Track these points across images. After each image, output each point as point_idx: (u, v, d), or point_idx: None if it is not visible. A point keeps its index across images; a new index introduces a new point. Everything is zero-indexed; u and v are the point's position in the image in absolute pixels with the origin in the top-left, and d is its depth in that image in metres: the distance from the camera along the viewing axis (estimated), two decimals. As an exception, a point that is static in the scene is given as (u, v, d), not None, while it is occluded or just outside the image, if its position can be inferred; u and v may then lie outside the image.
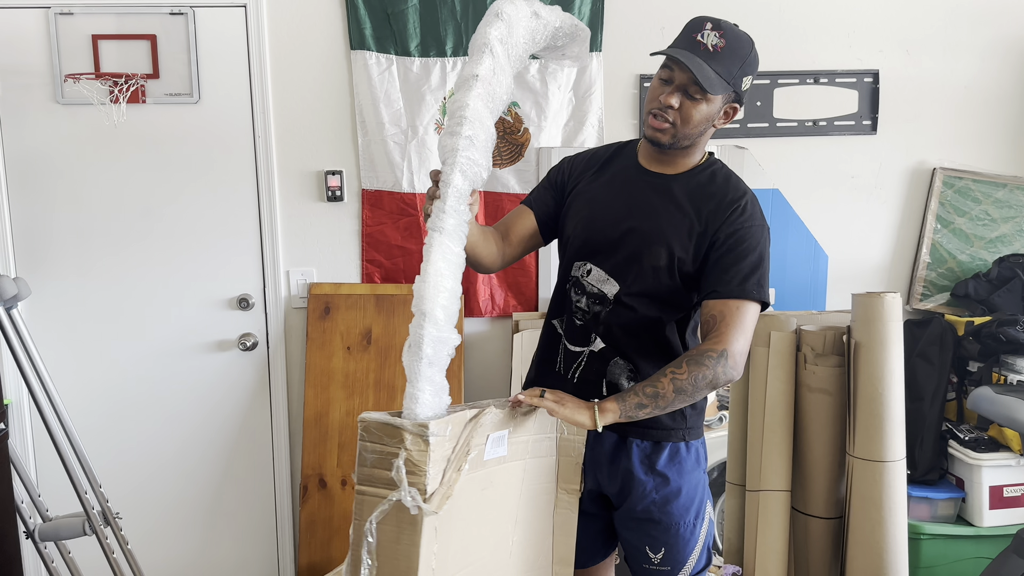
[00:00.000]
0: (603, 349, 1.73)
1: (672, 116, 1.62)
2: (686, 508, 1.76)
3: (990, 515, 2.62)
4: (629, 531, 1.81)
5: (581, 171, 1.83)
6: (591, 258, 1.74)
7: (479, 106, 1.55)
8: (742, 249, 1.63)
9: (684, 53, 1.59)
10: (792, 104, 2.89)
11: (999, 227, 2.92)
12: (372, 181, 2.86)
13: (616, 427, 1.72)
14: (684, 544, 1.78)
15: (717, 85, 1.59)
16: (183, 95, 2.79)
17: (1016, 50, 2.89)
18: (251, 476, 2.96)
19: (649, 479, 1.73)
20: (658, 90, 1.64)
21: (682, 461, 1.76)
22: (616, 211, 1.73)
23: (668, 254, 1.66)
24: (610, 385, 1.74)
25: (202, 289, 2.87)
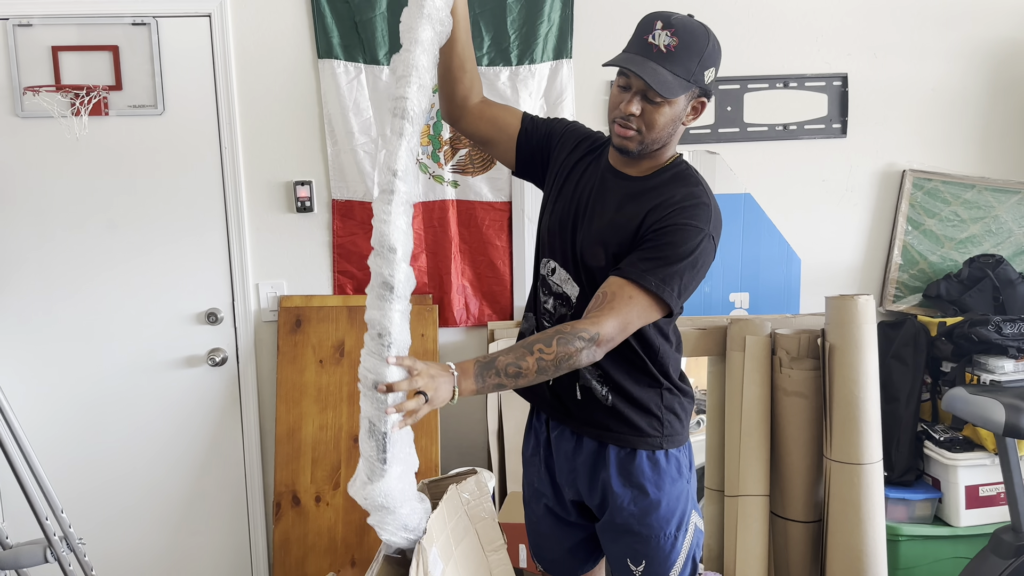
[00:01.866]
0: None
1: (636, 124, 1.57)
2: (666, 520, 1.72)
3: (967, 515, 2.63)
4: (611, 542, 1.79)
5: (570, 150, 1.77)
6: (554, 256, 1.73)
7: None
8: (665, 241, 1.55)
9: (636, 59, 1.53)
10: (762, 108, 2.89)
11: (968, 228, 2.95)
12: (342, 191, 2.82)
13: (593, 433, 1.72)
14: (665, 557, 1.75)
15: (676, 87, 1.53)
16: (147, 107, 2.73)
17: (982, 52, 2.92)
18: (222, 494, 2.90)
19: (627, 491, 1.70)
20: (618, 98, 1.59)
21: (661, 472, 1.72)
22: (585, 211, 1.70)
23: (605, 255, 1.62)
24: (583, 389, 1.72)
25: (169, 304, 2.81)
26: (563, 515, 1.85)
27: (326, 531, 2.74)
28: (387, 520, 1.52)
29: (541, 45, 2.79)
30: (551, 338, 1.49)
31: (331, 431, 2.76)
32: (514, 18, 2.76)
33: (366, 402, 1.48)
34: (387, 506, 1.49)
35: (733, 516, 2.62)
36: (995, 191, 2.93)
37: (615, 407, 1.70)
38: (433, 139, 2.82)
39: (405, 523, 1.54)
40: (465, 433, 2.96)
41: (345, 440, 2.76)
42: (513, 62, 2.79)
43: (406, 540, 1.57)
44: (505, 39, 2.77)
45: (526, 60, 2.79)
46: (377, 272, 1.52)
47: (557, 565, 1.94)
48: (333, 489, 2.74)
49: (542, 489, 1.85)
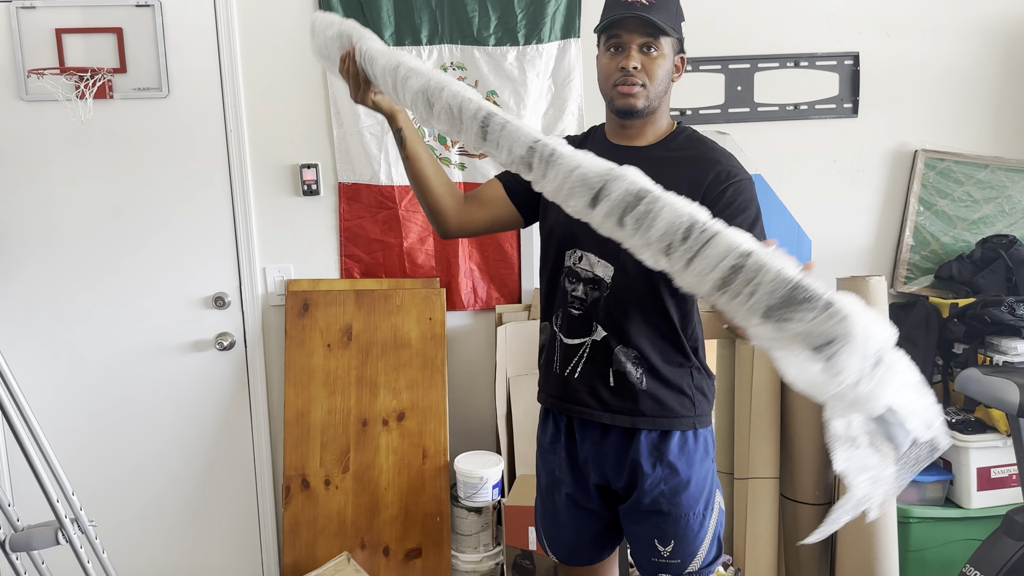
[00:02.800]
0: (605, 337, 1.69)
1: (640, 77, 1.63)
2: (695, 499, 1.72)
3: (978, 496, 2.62)
4: (637, 524, 1.76)
5: None
6: (579, 244, 1.70)
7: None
8: (742, 206, 1.61)
9: (624, 11, 1.60)
10: (773, 88, 2.86)
11: (981, 208, 2.92)
12: (349, 174, 2.80)
13: (627, 421, 1.70)
14: (694, 536, 1.74)
15: (669, 29, 1.62)
16: (151, 89, 2.71)
17: (996, 30, 2.87)
18: (232, 478, 2.91)
19: (658, 471, 1.69)
20: (612, 62, 1.65)
21: (691, 451, 1.72)
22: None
23: None
24: (617, 374, 1.70)
25: (176, 288, 2.80)
26: (585, 503, 1.81)
27: (335, 514, 2.74)
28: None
29: (549, 24, 2.76)
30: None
31: (339, 415, 2.76)
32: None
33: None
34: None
35: (743, 498, 2.61)
36: (1009, 171, 2.90)
37: (648, 390, 1.69)
38: (440, 121, 2.80)
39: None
40: (474, 416, 2.95)
41: (354, 424, 2.75)
42: (520, 42, 2.76)
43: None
44: (512, 18, 2.74)
45: (533, 40, 2.76)
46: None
47: (575, 555, 1.88)
48: (342, 472, 2.74)
49: (562, 478, 1.80)
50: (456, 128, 1.43)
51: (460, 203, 1.81)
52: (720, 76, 2.85)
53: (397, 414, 2.77)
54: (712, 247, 1.16)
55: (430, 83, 1.45)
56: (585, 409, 1.72)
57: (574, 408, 1.74)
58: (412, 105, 1.49)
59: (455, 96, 1.42)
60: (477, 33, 2.75)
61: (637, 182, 1.26)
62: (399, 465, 2.75)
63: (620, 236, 1.28)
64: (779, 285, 1.08)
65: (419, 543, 2.73)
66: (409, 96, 1.48)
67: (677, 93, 2.83)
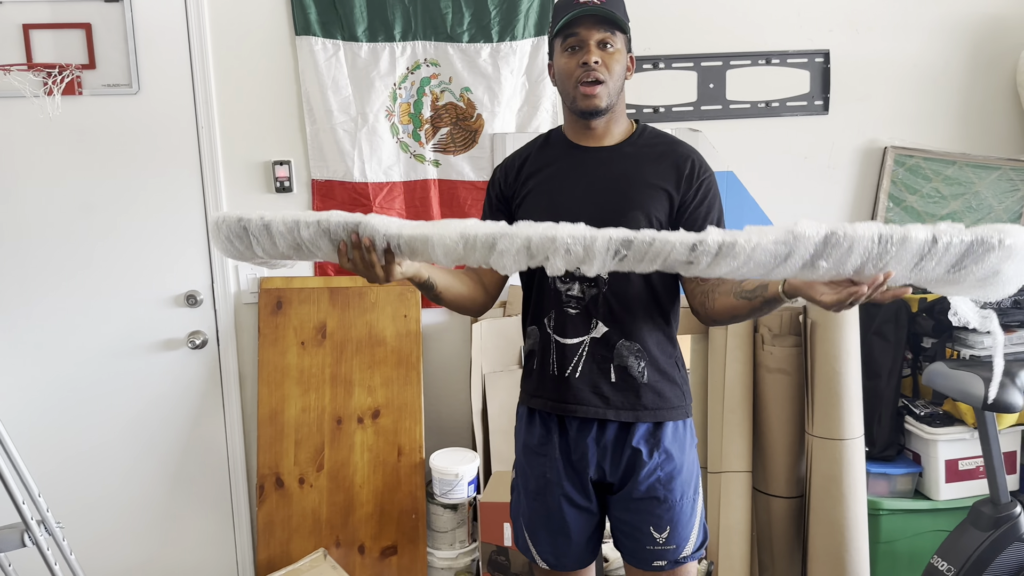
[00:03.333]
0: (606, 333, 1.71)
1: (602, 73, 1.66)
2: (687, 484, 1.77)
3: (946, 488, 2.66)
4: (630, 513, 1.77)
5: (517, 173, 1.81)
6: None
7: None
8: (712, 198, 1.72)
9: (582, 9, 1.63)
10: (745, 86, 2.88)
11: (949, 204, 2.96)
12: (322, 171, 2.79)
13: (629, 416, 1.72)
14: (687, 520, 1.77)
15: (623, 22, 1.66)
16: (121, 86, 2.68)
17: (962, 28, 2.91)
18: (205, 477, 2.89)
19: (655, 457, 1.73)
20: (571, 61, 1.67)
21: (681, 438, 1.77)
22: (578, 192, 1.72)
23: (645, 217, 1.68)
24: (619, 369, 1.72)
25: (147, 287, 2.77)
26: (581, 502, 1.79)
27: (310, 513, 2.73)
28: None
29: (522, 21, 2.76)
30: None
31: (314, 413, 2.75)
32: (495, -6, 2.73)
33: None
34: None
35: (716, 492, 2.63)
36: (975, 167, 2.94)
37: (650, 383, 1.72)
38: (414, 117, 2.79)
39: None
40: (449, 414, 2.95)
41: (328, 422, 2.74)
42: (494, 39, 2.76)
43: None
44: (486, 15, 2.74)
45: (507, 37, 2.76)
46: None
47: (572, 559, 1.85)
48: (317, 471, 2.73)
49: (555, 479, 1.78)
50: (584, 263, 1.40)
51: (480, 285, 1.82)
52: (692, 74, 2.87)
53: (372, 412, 2.76)
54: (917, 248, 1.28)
55: (530, 242, 1.39)
56: (588, 408, 1.73)
57: (576, 408, 1.74)
58: (515, 266, 1.43)
59: (577, 239, 1.38)
60: (451, 30, 2.75)
61: (819, 230, 1.28)
62: (374, 463, 2.74)
63: (843, 271, 1.31)
64: (967, 244, 1.27)
65: (394, 540, 2.73)
66: (509, 260, 1.43)
67: (651, 90, 2.86)
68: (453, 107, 2.80)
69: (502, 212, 1.82)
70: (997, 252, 1.25)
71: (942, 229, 1.26)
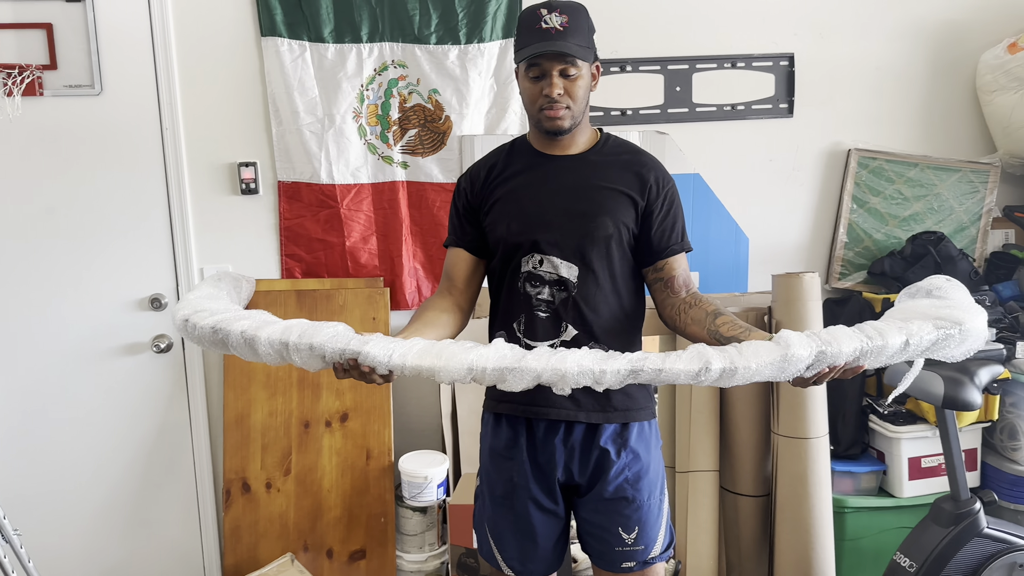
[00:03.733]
0: (576, 336, 1.73)
1: (565, 101, 1.70)
2: (654, 483, 1.79)
3: (910, 486, 2.70)
4: (599, 514, 1.78)
5: (484, 182, 1.82)
6: (537, 249, 1.73)
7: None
8: (675, 208, 1.78)
9: (542, 47, 1.65)
10: (711, 89, 2.91)
11: (911, 206, 3.00)
12: (288, 172, 2.77)
13: (600, 417, 1.74)
14: (654, 520, 1.79)
15: (585, 53, 1.68)
16: (84, 86, 2.65)
17: (924, 31, 2.97)
18: (171, 483, 2.85)
19: (623, 457, 1.75)
20: (535, 88, 1.71)
21: (647, 438, 1.80)
22: (546, 200, 1.75)
23: (613, 223, 1.72)
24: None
25: (111, 290, 2.74)
26: (548, 505, 1.80)
27: (277, 517, 2.70)
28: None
29: (490, 23, 2.77)
30: (720, 310, 1.66)
31: (281, 417, 2.72)
32: (462, -4, 2.73)
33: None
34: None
35: (684, 491, 2.65)
36: (937, 169, 2.99)
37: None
38: (382, 119, 2.79)
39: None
40: (419, 417, 2.94)
41: (296, 426, 2.72)
42: (462, 41, 2.76)
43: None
44: (453, 17, 2.74)
45: (475, 39, 2.76)
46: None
47: (536, 565, 1.84)
48: (284, 475, 2.71)
49: (522, 482, 1.79)
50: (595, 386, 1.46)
51: (458, 313, 1.81)
52: (659, 77, 2.89)
53: (340, 415, 2.74)
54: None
55: (540, 377, 1.42)
56: (560, 411, 1.74)
57: (547, 411, 1.75)
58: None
59: (585, 373, 1.42)
60: (418, 31, 2.74)
61: (809, 351, 1.41)
62: (342, 466, 2.73)
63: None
64: (933, 340, 1.46)
65: (363, 544, 2.71)
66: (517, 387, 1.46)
67: (618, 93, 2.87)
68: (421, 109, 2.80)
69: (470, 222, 1.84)
70: (957, 338, 1.45)
71: (914, 331, 1.43)
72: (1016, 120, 2.82)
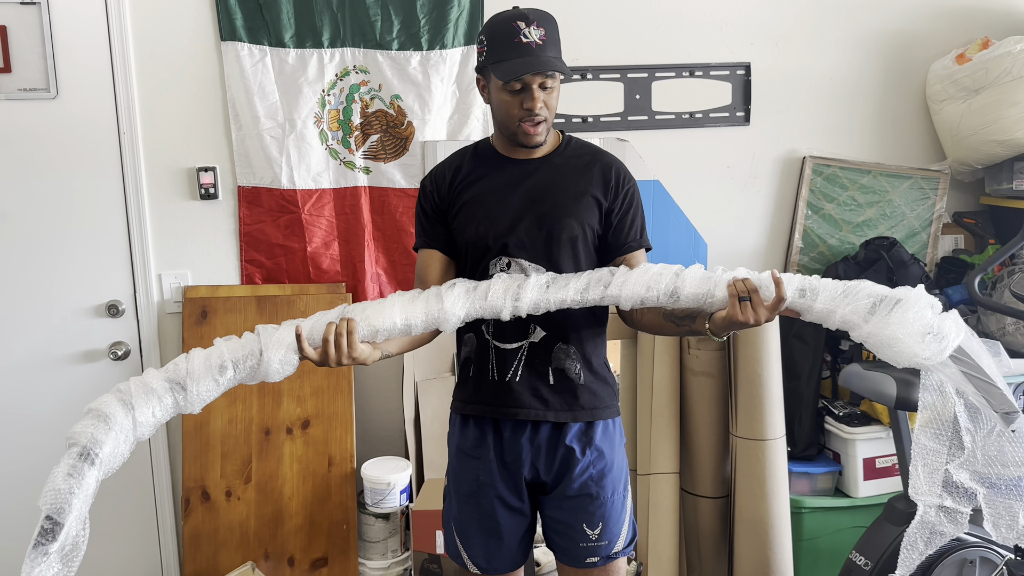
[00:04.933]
0: (544, 337, 1.77)
1: (544, 114, 1.72)
2: (617, 480, 1.83)
3: (865, 486, 2.76)
4: (564, 511, 1.81)
5: (450, 184, 1.84)
6: (506, 252, 1.76)
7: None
8: (636, 206, 1.82)
9: (530, 60, 1.66)
10: (669, 97, 2.95)
11: (865, 212, 3.08)
12: (248, 177, 2.75)
13: (566, 414, 1.77)
14: (618, 515, 1.82)
15: (564, 67, 1.70)
16: (39, 90, 2.60)
17: (876, 42, 3.04)
18: (128, 492, 2.80)
19: (588, 454, 1.79)
20: (513, 102, 1.71)
21: (611, 435, 1.83)
22: (512, 202, 1.77)
23: (579, 224, 1.76)
24: (557, 372, 1.77)
25: (67, 297, 2.69)
26: (514, 503, 1.82)
27: (238, 525, 2.68)
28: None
29: (452, 30, 2.78)
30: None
31: (241, 424, 2.70)
32: (424, 2, 2.74)
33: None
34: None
35: (645, 494, 2.68)
36: (889, 176, 3.07)
37: (586, 383, 1.79)
38: (343, 124, 2.78)
39: None
40: (381, 422, 2.93)
41: (256, 433, 2.70)
42: (424, 47, 2.77)
43: None
44: (415, 23, 2.75)
45: (437, 45, 2.77)
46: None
47: (501, 562, 1.86)
48: (244, 483, 2.68)
49: (488, 480, 1.80)
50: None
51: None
52: (619, 85, 2.92)
53: (302, 422, 2.73)
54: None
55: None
56: (529, 411, 1.77)
57: (516, 411, 1.78)
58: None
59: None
60: (380, 37, 2.75)
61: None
62: (304, 473, 2.71)
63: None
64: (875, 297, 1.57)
65: (325, 552, 2.70)
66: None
67: (579, 101, 2.91)
68: (383, 114, 2.80)
69: (440, 223, 1.85)
70: (891, 302, 1.53)
71: (852, 286, 1.57)
72: (964, 129, 2.91)
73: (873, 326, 1.54)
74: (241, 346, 1.60)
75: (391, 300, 1.67)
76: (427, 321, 1.65)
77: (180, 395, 1.56)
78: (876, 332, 1.54)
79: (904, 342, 1.52)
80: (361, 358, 1.64)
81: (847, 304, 1.55)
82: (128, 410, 1.53)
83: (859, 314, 1.55)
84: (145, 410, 1.53)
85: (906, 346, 1.52)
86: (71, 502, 1.45)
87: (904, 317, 1.51)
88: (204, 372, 1.57)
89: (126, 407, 1.53)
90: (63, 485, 1.46)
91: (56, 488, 1.46)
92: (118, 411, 1.52)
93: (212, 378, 1.57)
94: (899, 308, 1.52)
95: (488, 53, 1.73)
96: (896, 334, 1.52)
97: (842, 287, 1.58)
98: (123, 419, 1.52)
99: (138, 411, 1.53)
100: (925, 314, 1.52)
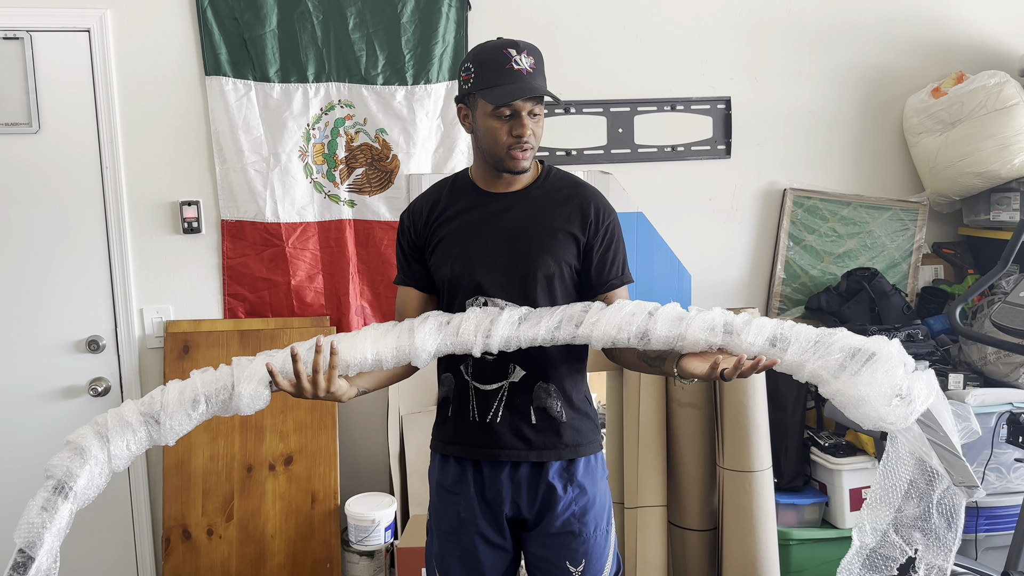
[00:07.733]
0: (524, 376, 1.74)
1: (532, 141, 1.70)
2: (600, 515, 1.80)
3: (851, 516, 2.75)
4: (546, 549, 1.78)
5: (426, 220, 1.81)
6: (484, 291, 1.74)
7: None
8: (616, 241, 1.79)
9: (520, 88, 1.64)
10: (652, 130, 2.99)
11: (845, 243, 3.11)
12: (232, 211, 2.74)
13: (550, 452, 1.75)
14: (600, 551, 1.80)
15: (556, 95, 1.70)
16: (20, 124, 2.60)
17: (853, 76, 3.10)
18: (108, 531, 2.75)
19: (569, 492, 1.76)
20: (502, 129, 1.68)
21: (593, 470, 1.81)
22: (488, 240, 1.75)
23: (555, 262, 1.73)
24: (539, 411, 1.75)
25: (46, 332, 2.66)
26: (496, 539, 1.80)
27: (219, 565, 2.63)
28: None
29: (437, 65, 2.80)
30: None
31: (223, 461, 2.66)
32: (408, 38, 2.76)
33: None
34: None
35: (632, 527, 2.66)
36: (869, 208, 3.11)
37: (568, 421, 1.77)
38: (328, 158, 2.79)
39: None
40: (365, 457, 2.90)
41: (238, 470, 2.66)
42: (409, 82, 2.79)
43: None
44: (400, 59, 2.77)
45: (422, 80, 2.79)
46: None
47: None
48: (226, 521, 2.64)
49: (469, 517, 1.78)
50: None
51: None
52: (602, 119, 2.95)
53: (284, 458, 2.69)
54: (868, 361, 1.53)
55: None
56: (512, 452, 1.75)
57: (498, 453, 1.75)
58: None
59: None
60: (365, 72, 2.76)
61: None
62: (287, 511, 2.67)
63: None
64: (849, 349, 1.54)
65: (308, 590, 2.65)
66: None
67: (563, 134, 2.93)
68: (368, 148, 2.81)
69: (417, 260, 1.84)
70: (872, 362, 1.49)
71: (825, 335, 1.54)
72: (941, 161, 2.96)
73: (842, 383, 1.50)
74: (215, 379, 1.60)
75: (363, 333, 1.65)
76: (398, 356, 1.63)
77: (154, 428, 1.57)
78: (844, 390, 1.51)
79: (871, 404, 1.48)
80: (338, 393, 1.62)
81: (817, 358, 1.52)
82: (104, 443, 1.55)
83: (829, 369, 1.51)
84: (119, 443, 1.54)
85: (872, 408, 1.48)
86: (43, 536, 1.45)
87: (874, 377, 1.48)
88: (177, 406, 1.57)
89: (102, 440, 1.55)
90: (36, 519, 1.49)
91: (30, 522, 1.49)
92: (93, 444, 1.54)
93: (185, 412, 1.58)
94: (869, 366, 1.48)
95: (476, 79, 1.68)
96: (864, 395, 1.48)
97: (815, 337, 1.54)
98: (98, 452, 1.54)
99: (112, 444, 1.55)
100: (896, 372, 1.48)
